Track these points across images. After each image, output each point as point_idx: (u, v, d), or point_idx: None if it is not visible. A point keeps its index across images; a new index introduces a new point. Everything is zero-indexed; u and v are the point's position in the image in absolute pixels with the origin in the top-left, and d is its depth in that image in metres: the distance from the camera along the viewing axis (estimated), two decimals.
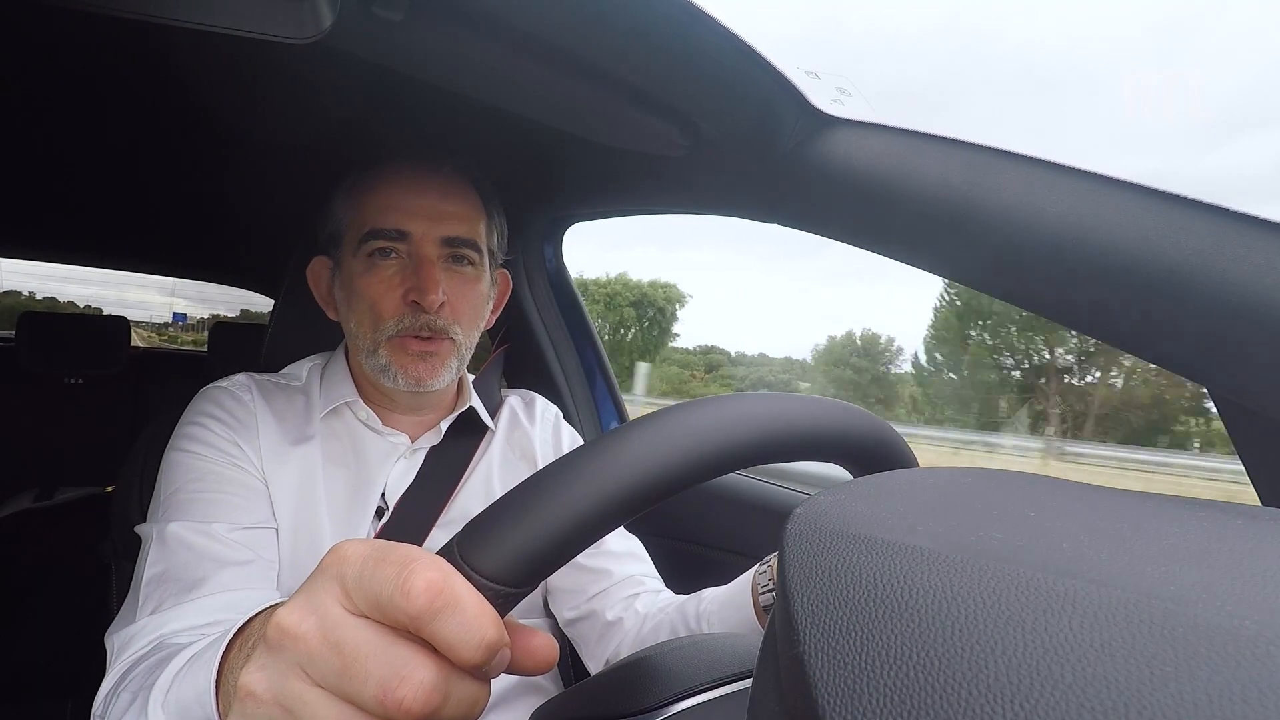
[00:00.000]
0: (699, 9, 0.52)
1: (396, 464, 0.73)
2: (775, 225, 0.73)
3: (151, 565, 0.60)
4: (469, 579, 0.27)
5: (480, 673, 0.26)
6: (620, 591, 0.77)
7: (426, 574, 0.24)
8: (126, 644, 0.55)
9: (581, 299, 1.23)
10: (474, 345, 0.75)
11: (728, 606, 0.67)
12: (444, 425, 0.76)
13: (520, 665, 0.27)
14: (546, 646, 0.28)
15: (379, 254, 0.69)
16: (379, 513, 0.71)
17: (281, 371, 0.78)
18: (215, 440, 0.67)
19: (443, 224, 0.70)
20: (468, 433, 0.78)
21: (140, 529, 0.64)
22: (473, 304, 0.73)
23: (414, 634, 0.25)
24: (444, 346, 0.70)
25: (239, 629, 0.42)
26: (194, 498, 0.63)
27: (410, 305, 0.68)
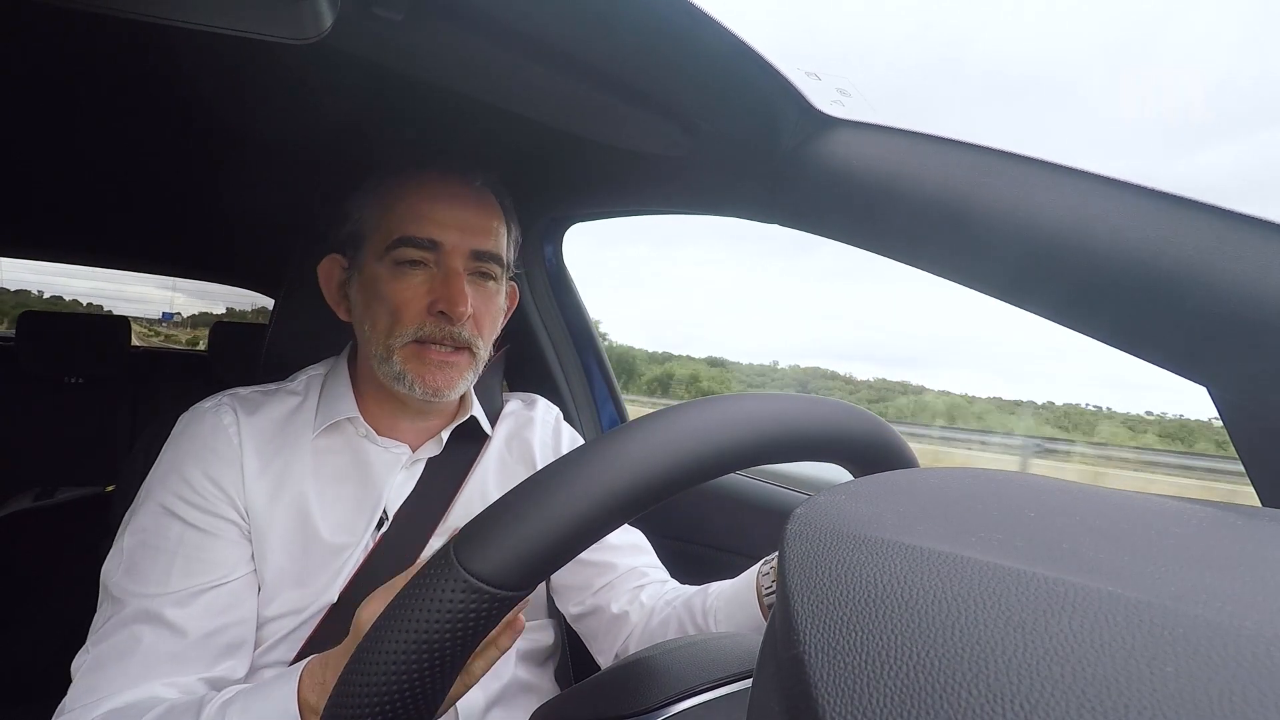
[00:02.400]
0: (699, 9, 0.52)
1: (397, 475, 0.73)
2: (774, 225, 0.73)
3: (90, 646, 0.59)
4: (465, 583, 0.27)
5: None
6: (624, 584, 0.77)
7: None
8: None
9: (582, 298, 1.23)
10: (488, 357, 0.75)
11: (733, 604, 0.67)
12: (444, 435, 0.76)
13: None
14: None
15: (408, 262, 0.68)
16: (379, 523, 0.71)
17: (281, 382, 0.77)
18: (188, 485, 0.65)
19: (473, 237, 0.70)
20: (467, 440, 0.78)
21: (103, 574, 0.63)
22: (493, 317, 0.73)
23: None
24: (464, 358, 0.70)
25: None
26: (153, 557, 0.62)
27: (436, 315, 0.67)
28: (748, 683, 0.39)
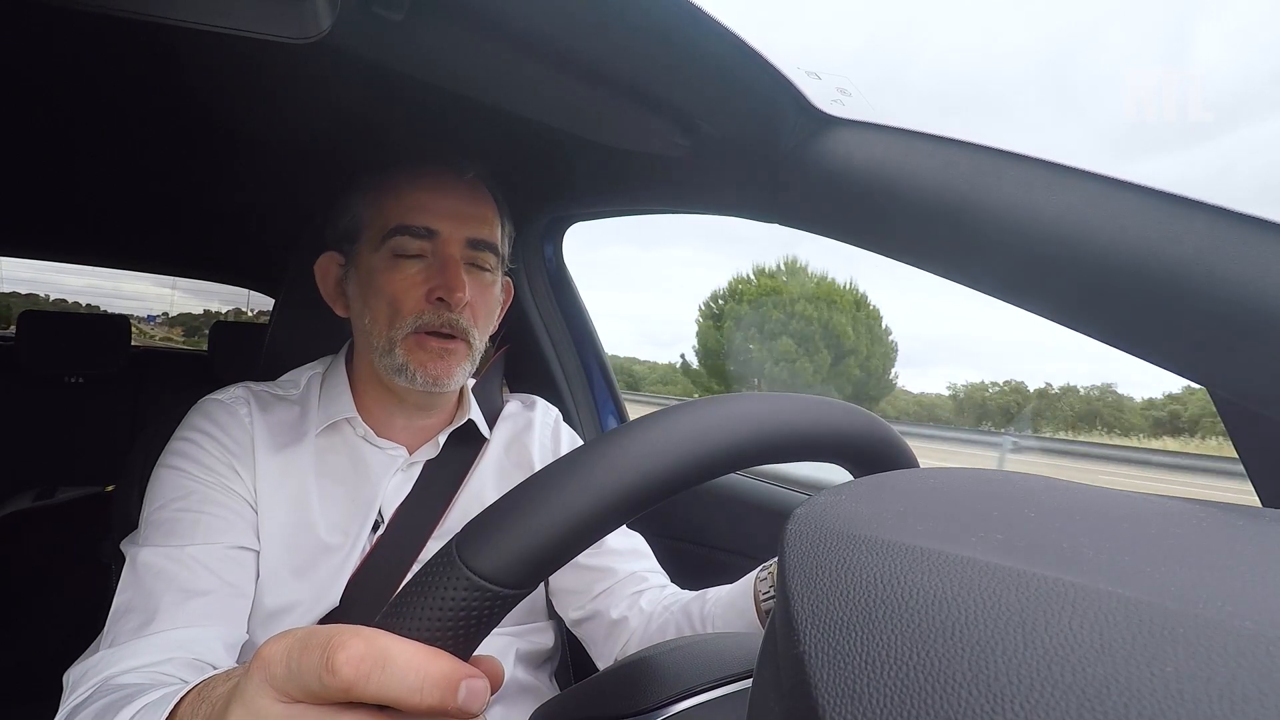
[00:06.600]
0: (699, 9, 0.52)
1: (394, 477, 0.73)
2: (774, 225, 0.73)
3: (120, 593, 0.60)
4: (468, 580, 0.27)
5: (451, 710, 0.26)
6: (624, 589, 0.77)
7: (348, 648, 0.25)
8: (77, 683, 0.54)
9: (582, 298, 1.23)
10: (484, 349, 0.75)
11: (731, 610, 0.67)
12: (441, 438, 0.76)
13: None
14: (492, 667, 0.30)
15: (405, 252, 0.69)
16: (375, 525, 0.71)
17: (280, 379, 0.77)
18: (206, 458, 0.66)
19: (468, 226, 0.71)
20: (465, 443, 0.78)
21: (123, 546, 0.64)
22: (489, 307, 0.74)
23: (363, 703, 0.26)
24: (461, 347, 0.70)
25: (183, 695, 0.42)
26: (176, 516, 0.63)
27: (434, 303, 0.68)
28: (748, 683, 0.39)
